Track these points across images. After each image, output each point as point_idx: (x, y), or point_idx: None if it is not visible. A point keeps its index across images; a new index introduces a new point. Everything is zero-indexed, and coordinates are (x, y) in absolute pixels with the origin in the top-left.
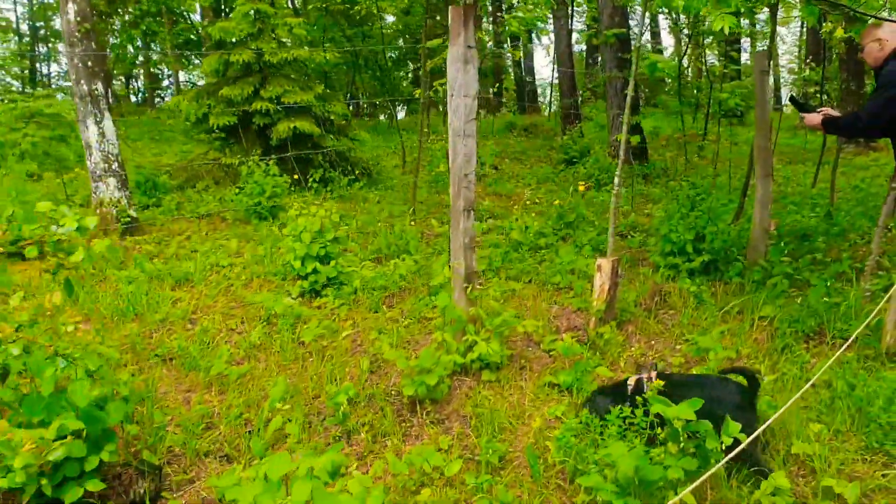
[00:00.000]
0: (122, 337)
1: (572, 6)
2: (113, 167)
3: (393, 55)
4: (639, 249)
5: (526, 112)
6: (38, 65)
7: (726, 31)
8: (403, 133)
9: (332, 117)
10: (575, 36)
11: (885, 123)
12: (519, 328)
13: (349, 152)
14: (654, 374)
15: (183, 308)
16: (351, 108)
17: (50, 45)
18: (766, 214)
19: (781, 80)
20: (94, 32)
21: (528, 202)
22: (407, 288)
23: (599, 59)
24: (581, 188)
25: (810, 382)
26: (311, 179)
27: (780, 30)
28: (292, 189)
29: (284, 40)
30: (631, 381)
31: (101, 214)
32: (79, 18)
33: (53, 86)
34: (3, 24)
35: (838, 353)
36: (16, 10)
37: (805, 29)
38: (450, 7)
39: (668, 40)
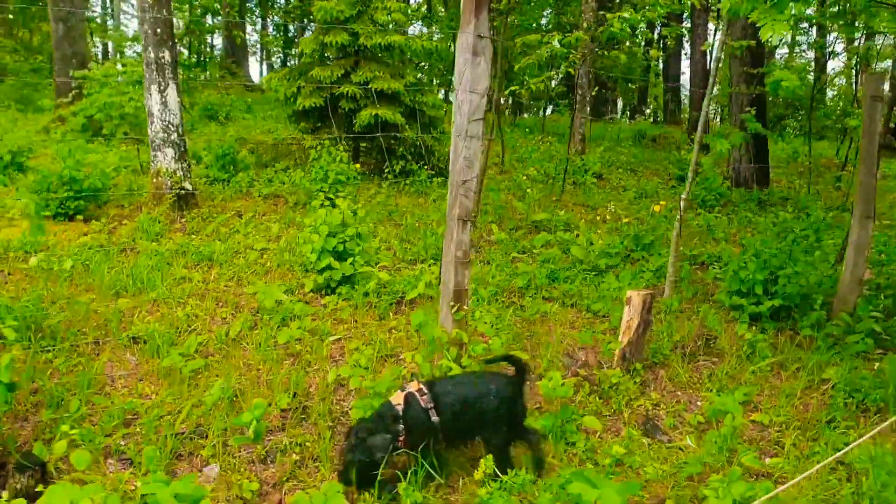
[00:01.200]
0: (93, 314)
1: (718, 15)
2: (172, 137)
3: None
4: (713, 283)
5: (668, 121)
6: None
7: (775, 40)
8: (516, 129)
9: (422, 108)
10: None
11: None
12: None
13: (437, 145)
14: (420, 385)
15: (183, 289)
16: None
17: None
18: (862, 261)
19: None
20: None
21: (608, 216)
22: (428, 296)
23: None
24: (657, 209)
25: (822, 464)
26: (387, 170)
27: None
28: (368, 177)
29: (383, 23)
30: (398, 400)
31: (156, 184)
32: None
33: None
34: None
35: (873, 430)
36: None
37: None
38: None
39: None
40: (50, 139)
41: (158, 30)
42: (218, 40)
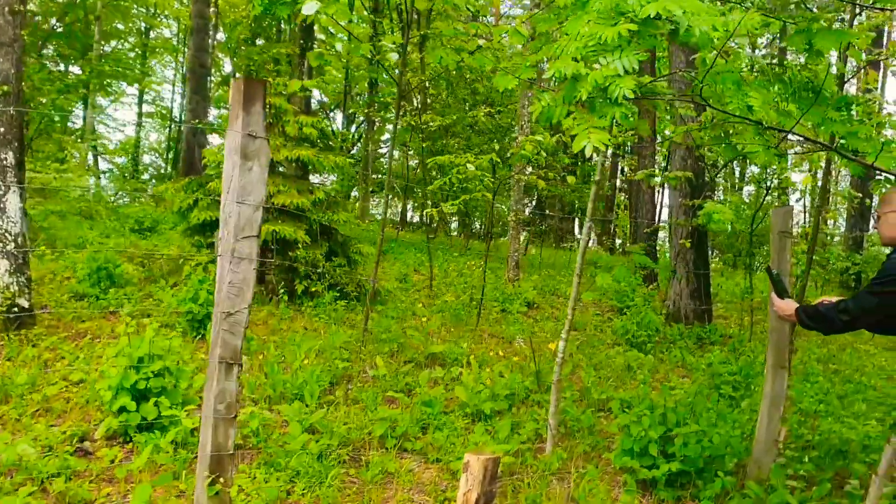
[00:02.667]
0: None
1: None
2: (8, 248)
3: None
4: (616, 436)
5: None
6: None
7: (589, 152)
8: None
9: (334, 226)
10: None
11: (879, 321)
12: None
13: (349, 266)
14: None
15: None
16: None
17: None
18: (777, 417)
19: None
20: (13, 95)
21: (518, 350)
22: (256, 448)
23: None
24: (552, 346)
25: None
26: (281, 291)
27: None
28: (265, 298)
29: (294, 137)
30: None
31: None
32: None
33: None
34: None
35: None
36: None
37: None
38: (231, 81)
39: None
40: None
41: (2, 129)
42: None
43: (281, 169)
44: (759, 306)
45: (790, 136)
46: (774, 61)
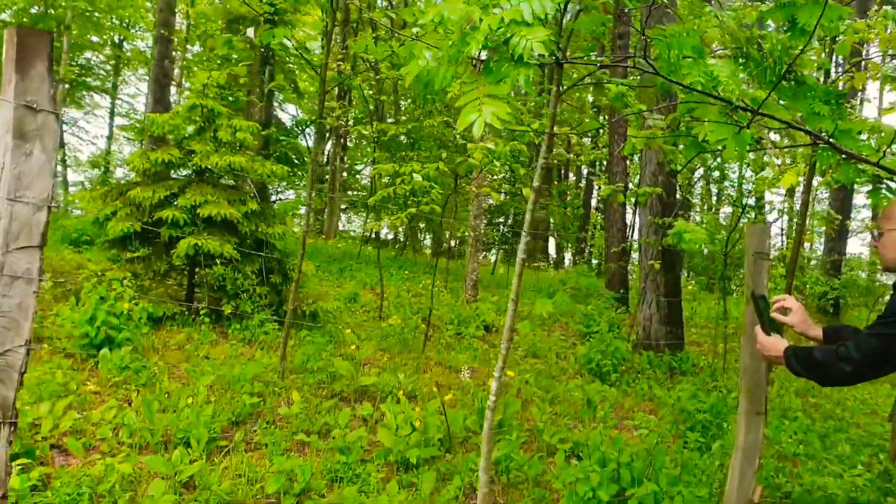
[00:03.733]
0: None
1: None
2: None
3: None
4: (562, 491)
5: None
6: None
7: (478, 131)
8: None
9: (270, 239)
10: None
11: (887, 368)
12: None
13: (286, 285)
14: None
15: None
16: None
17: None
18: (751, 473)
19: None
20: None
21: (463, 384)
22: None
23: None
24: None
25: None
26: (202, 311)
27: None
28: (185, 318)
29: (228, 142)
30: None
31: None
32: None
33: None
34: None
35: None
36: None
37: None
38: (6, 32)
39: None
40: None
41: None
42: None
43: (222, 179)
44: (733, 332)
45: (772, 133)
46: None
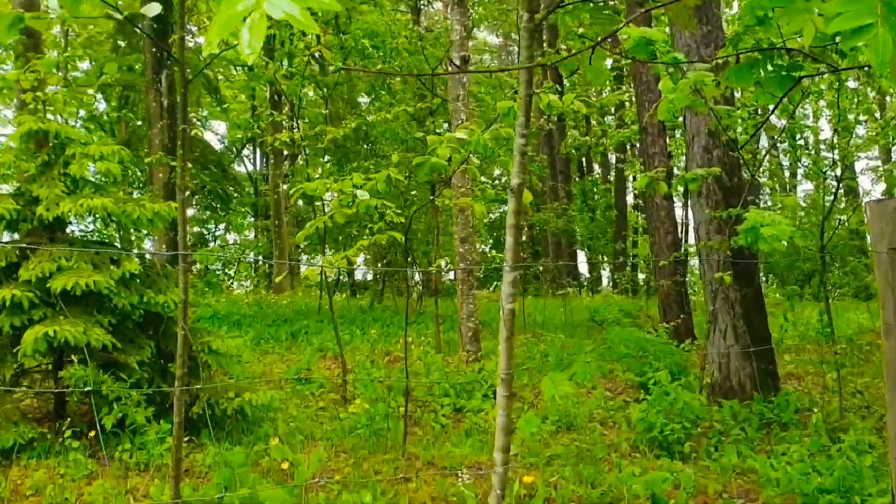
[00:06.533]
0: None
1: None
2: None
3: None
4: None
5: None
6: None
7: None
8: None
9: (158, 311)
10: None
11: None
12: None
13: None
14: None
15: None
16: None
17: None
18: None
19: None
20: None
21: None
22: None
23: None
24: (528, 480)
25: None
26: (67, 432)
27: None
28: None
29: (82, 179)
30: None
31: None
32: None
33: None
34: None
35: None
36: None
37: None
38: None
39: None
40: None
41: None
42: None
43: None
44: (850, 352)
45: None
46: None
